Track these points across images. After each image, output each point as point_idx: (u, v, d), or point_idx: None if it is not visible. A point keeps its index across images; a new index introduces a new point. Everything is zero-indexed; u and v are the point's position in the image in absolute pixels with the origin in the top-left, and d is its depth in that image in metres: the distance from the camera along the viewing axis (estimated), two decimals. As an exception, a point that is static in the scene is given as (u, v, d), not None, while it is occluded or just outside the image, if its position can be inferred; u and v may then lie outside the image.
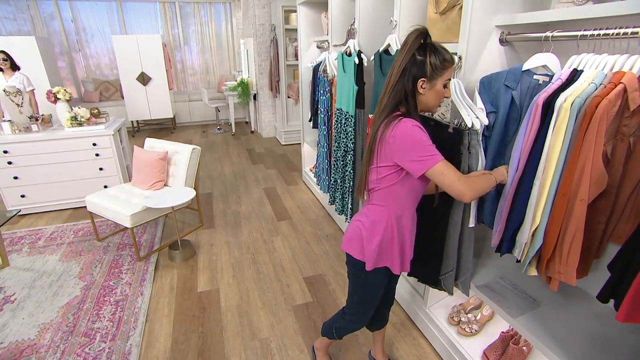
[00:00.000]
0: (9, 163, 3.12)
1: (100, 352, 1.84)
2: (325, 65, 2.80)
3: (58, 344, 1.89)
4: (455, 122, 1.37)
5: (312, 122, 3.44)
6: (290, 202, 3.64)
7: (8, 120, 3.17)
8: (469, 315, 1.84)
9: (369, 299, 1.42)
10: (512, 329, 1.70)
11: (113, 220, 2.62)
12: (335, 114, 2.53)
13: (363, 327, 1.53)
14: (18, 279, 2.43)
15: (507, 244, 1.32)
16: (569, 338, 1.24)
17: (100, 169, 3.40)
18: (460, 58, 1.43)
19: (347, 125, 2.37)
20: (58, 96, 3.27)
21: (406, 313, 2.09)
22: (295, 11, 4.62)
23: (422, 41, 1.11)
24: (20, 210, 3.14)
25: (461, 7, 1.45)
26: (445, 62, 1.12)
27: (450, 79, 1.18)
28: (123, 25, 6.90)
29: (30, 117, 3.31)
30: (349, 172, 2.44)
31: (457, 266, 1.56)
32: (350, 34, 2.61)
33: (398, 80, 1.14)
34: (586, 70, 1.11)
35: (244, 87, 6.11)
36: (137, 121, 6.77)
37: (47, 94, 3.28)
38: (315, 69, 3.18)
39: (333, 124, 2.63)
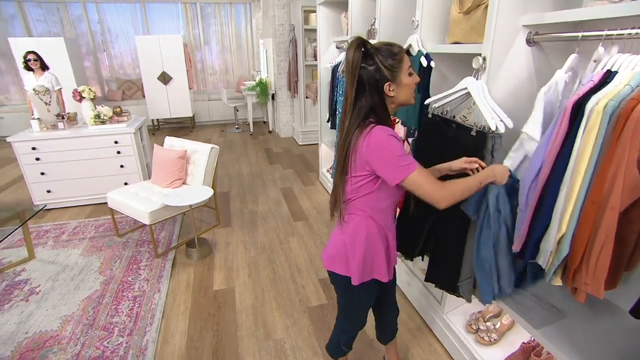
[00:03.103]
0: (37, 159, 3.23)
1: (118, 346, 1.88)
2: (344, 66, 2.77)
3: (78, 336, 1.95)
4: (478, 125, 1.33)
5: (330, 122, 3.42)
6: (307, 203, 3.64)
7: (37, 118, 3.29)
8: (488, 324, 1.79)
9: (362, 309, 1.41)
10: (533, 339, 1.64)
11: (132, 217, 2.68)
12: (354, 114, 2.50)
13: (364, 325, 1.49)
14: (43, 272, 2.52)
15: (530, 251, 1.27)
16: (596, 353, 1.18)
17: (121, 166, 3.48)
18: (484, 59, 1.39)
19: (365, 127, 2.34)
20: (83, 95, 3.38)
21: (422, 318, 2.05)
22: (314, 11, 4.62)
23: (362, 50, 1.08)
24: (46, 205, 3.25)
25: (486, 6, 1.41)
26: (397, 55, 1.09)
27: (411, 65, 1.14)
28: (146, 26, 7.07)
29: (57, 115, 3.42)
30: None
31: (477, 273, 1.51)
32: (371, 34, 2.59)
33: (357, 99, 1.11)
34: (621, 72, 1.05)
35: (262, 87, 6.15)
36: (158, 120, 6.92)
37: (73, 92, 3.38)
38: (334, 70, 3.16)
39: (351, 125, 2.60)
